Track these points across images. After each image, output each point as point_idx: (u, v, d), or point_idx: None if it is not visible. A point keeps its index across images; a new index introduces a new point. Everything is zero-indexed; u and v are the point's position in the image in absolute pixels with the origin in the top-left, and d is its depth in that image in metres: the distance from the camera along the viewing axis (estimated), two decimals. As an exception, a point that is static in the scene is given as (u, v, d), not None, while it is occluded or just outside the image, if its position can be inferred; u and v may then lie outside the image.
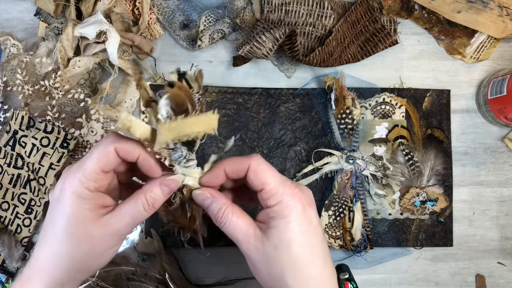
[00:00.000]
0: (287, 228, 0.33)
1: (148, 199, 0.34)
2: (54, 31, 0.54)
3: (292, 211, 0.34)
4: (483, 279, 0.57)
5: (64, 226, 0.33)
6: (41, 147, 0.50)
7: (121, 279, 0.51)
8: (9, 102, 0.51)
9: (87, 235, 0.33)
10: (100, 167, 0.33)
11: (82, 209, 0.33)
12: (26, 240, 0.52)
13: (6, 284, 0.52)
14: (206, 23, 0.54)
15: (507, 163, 0.58)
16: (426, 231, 0.56)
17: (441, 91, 0.57)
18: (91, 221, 0.33)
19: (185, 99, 0.32)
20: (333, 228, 0.55)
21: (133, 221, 0.34)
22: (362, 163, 0.55)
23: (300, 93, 0.56)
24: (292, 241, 0.34)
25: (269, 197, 0.34)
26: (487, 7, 0.56)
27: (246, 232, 0.34)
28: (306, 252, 0.34)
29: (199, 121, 0.33)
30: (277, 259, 0.33)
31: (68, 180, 0.33)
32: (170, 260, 0.53)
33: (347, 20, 0.56)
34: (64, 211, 0.33)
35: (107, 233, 0.34)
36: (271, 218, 0.34)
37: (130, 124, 0.32)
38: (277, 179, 0.35)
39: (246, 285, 0.55)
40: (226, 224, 0.34)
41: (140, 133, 0.33)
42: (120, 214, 0.34)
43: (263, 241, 0.34)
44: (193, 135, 0.33)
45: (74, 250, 0.33)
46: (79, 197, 0.33)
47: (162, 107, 0.32)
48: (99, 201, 0.34)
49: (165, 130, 0.32)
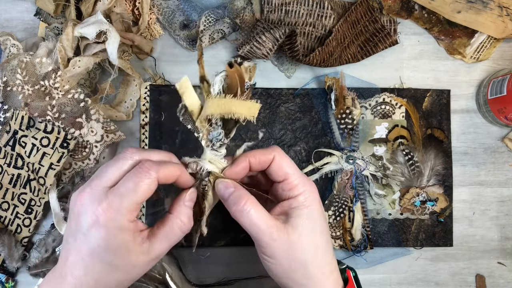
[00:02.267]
0: (311, 216, 0.36)
1: (183, 220, 0.36)
2: (54, 31, 0.54)
3: (314, 201, 0.37)
4: (483, 279, 0.57)
5: (110, 260, 0.33)
6: (41, 147, 0.50)
7: (121, 279, 0.51)
8: (9, 102, 0.51)
9: (131, 265, 0.34)
10: (143, 197, 0.33)
11: (126, 241, 0.33)
12: (26, 240, 0.52)
13: (6, 284, 0.52)
14: (206, 23, 0.54)
15: (507, 163, 0.58)
16: (426, 231, 0.56)
17: (441, 91, 0.57)
18: (133, 252, 0.33)
19: (237, 83, 0.35)
20: (333, 228, 0.55)
21: (171, 244, 0.36)
22: (362, 163, 0.55)
23: (300, 93, 0.56)
24: (316, 229, 0.36)
25: (292, 187, 0.36)
26: (487, 7, 0.56)
27: (268, 223, 0.35)
28: (324, 240, 0.37)
29: (244, 104, 0.35)
30: (302, 246, 0.35)
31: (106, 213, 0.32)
32: (170, 260, 0.53)
33: (347, 20, 0.56)
34: (106, 245, 0.32)
35: (150, 259, 0.35)
36: (294, 208, 0.36)
37: (185, 90, 0.35)
38: (297, 171, 0.37)
39: (246, 285, 0.55)
40: (248, 215, 0.35)
41: (190, 102, 0.35)
42: (157, 241, 0.35)
43: (287, 230, 0.35)
44: (236, 115, 0.35)
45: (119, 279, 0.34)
46: (121, 229, 0.33)
47: (217, 83, 0.35)
48: (136, 228, 0.34)
49: (213, 103, 0.34)
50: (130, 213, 0.33)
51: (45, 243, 0.53)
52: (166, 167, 0.34)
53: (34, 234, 0.53)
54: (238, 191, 0.36)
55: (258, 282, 0.54)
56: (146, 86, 0.55)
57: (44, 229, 0.53)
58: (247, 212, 0.35)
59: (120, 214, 0.32)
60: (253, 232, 0.35)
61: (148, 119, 0.54)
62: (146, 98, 0.55)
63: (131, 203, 0.32)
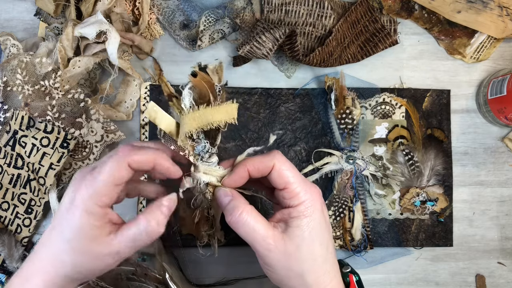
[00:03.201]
0: (310, 227, 0.35)
1: (151, 225, 0.34)
2: (54, 31, 0.54)
3: (314, 211, 0.35)
4: (483, 279, 0.57)
5: (70, 239, 0.33)
6: (41, 147, 0.50)
7: (121, 279, 0.51)
8: (9, 102, 0.51)
9: (89, 251, 0.33)
10: (113, 181, 0.33)
11: (90, 225, 0.33)
12: (26, 240, 0.52)
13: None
14: (206, 23, 0.54)
15: (507, 163, 0.58)
16: (426, 231, 0.56)
17: (441, 91, 0.57)
18: (95, 239, 0.33)
19: (207, 90, 0.34)
20: (333, 228, 0.55)
21: (134, 245, 0.34)
22: (362, 163, 0.55)
23: (300, 93, 0.56)
24: (315, 239, 0.35)
25: (292, 196, 0.35)
26: (487, 7, 0.56)
27: (264, 233, 0.34)
28: (324, 249, 0.36)
29: (220, 110, 0.34)
30: (299, 257, 0.35)
31: (79, 193, 0.33)
32: (170, 260, 0.53)
33: (347, 20, 0.56)
34: (71, 224, 0.33)
35: (109, 252, 0.34)
36: (294, 218, 0.35)
37: (156, 115, 0.34)
38: (299, 178, 0.36)
39: (246, 285, 0.55)
40: (244, 225, 0.34)
41: (165, 125, 0.34)
42: (122, 236, 0.34)
43: (284, 240, 0.35)
44: (215, 123, 0.34)
45: (76, 262, 0.34)
46: (88, 212, 0.33)
47: (186, 97, 0.33)
48: (107, 218, 0.34)
49: (188, 119, 0.33)
50: (100, 197, 0.33)
51: (45, 243, 0.53)
52: (139, 151, 0.34)
53: (34, 234, 0.53)
54: (234, 200, 0.35)
55: (258, 282, 0.54)
56: (146, 86, 0.55)
57: (44, 229, 0.53)
58: (243, 222, 0.34)
59: (90, 197, 0.33)
60: (249, 242, 0.35)
61: (148, 119, 0.54)
62: (146, 98, 0.55)
63: (101, 187, 0.33)
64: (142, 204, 0.54)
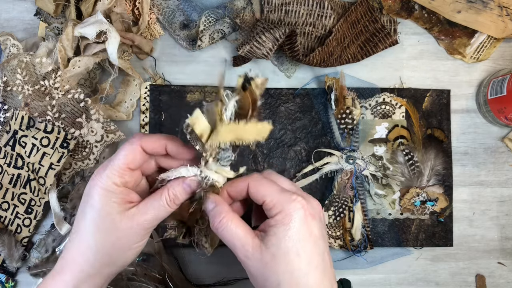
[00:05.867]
0: (286, 235, 0.34)
1: (170, 195, 0.36)
2: (54, 31, 0.54)
3: (292, 219, 0.34)
4: (483, 279, 0.57)
5: (93, 218, 0.35)
6: (41, 147, 0.50)
7: (121, 279, 0.51)
8: (9, 102, 0.51)
9: (114, 227, 0.35)
10: (126, 163, 0.35)
11: (110, 202, 0.35)
12: (26, 240, 0.52)
13: (6, 284, 0.52)
14: (206, 23, 0.54)
15: (507, 163, 0.58)
16: (426, 231, 0.56)
17: (441, 91, 0.57)
18: (117, 214, 0.35)
19: (249, 104, 0.33)
20: (333, 228, 0.55)
21: (156, 215, 0.36)
22: (362, 163, 0.55)
23: (300, 93, 0.56)
24: (290, 249, 0.34)
25: (271, 207, 0.35)
26: (487, 7, 0.56)
27: (244, 240, 0.35)
28: (304, 262, 0.34)
29: (255, 128, 0.34)
30: (274, 268, 0.34)
31: (97, 176, 0.35)
32: (170, 260, 0.53)
33: (347, 20, 0.56)
34: (93, 205, 0.35)
35: (132, 226, 0.35)
36: (271, 226, 0.34)
37: (196, 122, 0.34)
38: (276, 190, 0.35)
39: (246, 285, 0.55)
40: (224, 231, 0.35)
41: (200, 129, 0.34)
42: (144, 208, 0.35)
43: (261, 249, 0.34)
44: (247, 141, 0.34)
45: (102, 242, 0.35)
46: (107, 190, 0.35)
47: (230, 108, 0.33)
48: (126, 196, 0.36)
49: (225, 130, 0.33)
50: (115, 177, 0.35)
51: (45, 243, 0.53)
52: (150, 136, 0.36)
53: (34, 234, 0.53)
54: (218, 206, 0.36)
55: (258, 282, 0.54)
56: (146, 86, 0.55)
57: (44, 229, 0.53)
58: (224, 227, 0.35)
59: (107, 176, 0.35)
60: (230, 247, 0.36)
61: (148, 119, 0.54)
62: (146, 98, 0.55)
63: (116, 167, 0.35)
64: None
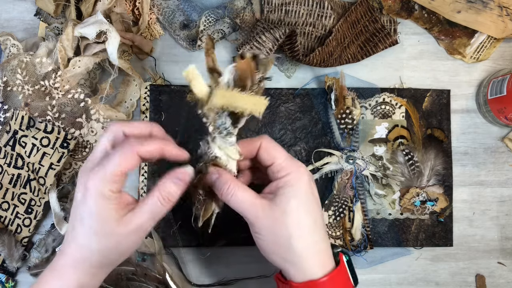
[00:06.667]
0: (295, 195, 0.37)
1: (162, 193, 0.36)
2: (54, 31, 0.54)
3: (299, 181, 0.38)
4: (483, 279, 0.57)
5: (91, 225, 0.35)
6: (41, 147, 0.50)
7: (121, 279, 0.51)
8: (9, 102, 0.51)
9: (113, 233, 0.35)
10: (122, 170, 0.35)
11: (107, 209, 0.35)
12: (26, 240, 0.52)
13: (6, 284, 0.52)
14: (206, 23, 0.54)
15: (507, 163, 0.58)
16: (426, 231, 0.56)
17: (441, 91, 0.57)
18: (115, 221, 0.35)
19: (248, 76, 0.35)
20: (333, 228, 0.55)
21: (153, 217, 0.36)
22: (362, 163, 0.55)
23: (300, 93, 0.56)
24: (300, 207, 0.37)
25: (279, 170, 0.38)
26: (487, 7, 0.56)
27: (253, 201, 0.37)
28: (311, 220, 0.38)
29: (250, 100, 0.35)
30: (285, 222, 0.37)
31: (91, 181, 0.35)
32: (170, 260, 0.53)
33: (347, 20, 0.56)
34: (90, 211, 0.35)
35: (131, 230, 0.36)
36: (280, 187, 0.38)
37: (193, 78, 0.35)
38: (285, 155, 0.39)
39: (246, 285, 0.55)
40: (233, 196, 0.37)
41: (198, 90, 0.35)
42: (140, 212, 0.36)
43: (271, 207, 0.37)
44: (240, 109, 0.35)
45: (102, 247, 0.36)
46: (103, 198, 0.35)
47: (226, 73, 0.35)
48: (121, 201, 0.36)
49: (219, 94, 0.34)
50: (111, 184, 0.35)
51: (45, 243, 0.53)
52: (147, 143, 0.36)
53: (34, 234, 0.53)
54: (222, 176, 0.38)
55: (258, 282, 0.54)
56: (146, 86, 0.55)
57: (44, 229, 0.53)
58: (232, 194, 0.37)
59: (102, 183, 0.34)
60: (240, 211, 0.37)
61: (148, 119, 0.54)
62: (146, 98, 0.55)
63: (111, 174, 0.34)
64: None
